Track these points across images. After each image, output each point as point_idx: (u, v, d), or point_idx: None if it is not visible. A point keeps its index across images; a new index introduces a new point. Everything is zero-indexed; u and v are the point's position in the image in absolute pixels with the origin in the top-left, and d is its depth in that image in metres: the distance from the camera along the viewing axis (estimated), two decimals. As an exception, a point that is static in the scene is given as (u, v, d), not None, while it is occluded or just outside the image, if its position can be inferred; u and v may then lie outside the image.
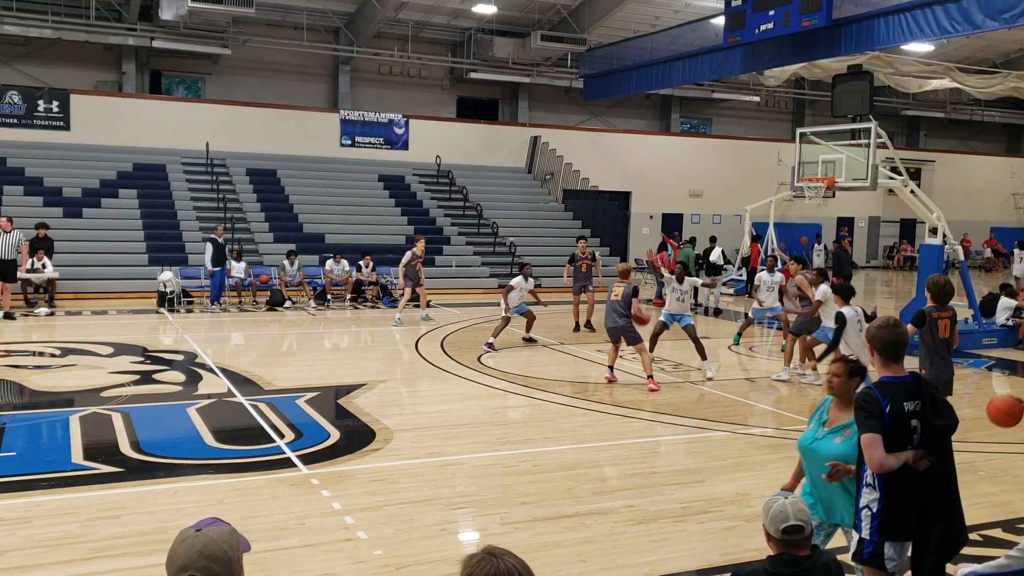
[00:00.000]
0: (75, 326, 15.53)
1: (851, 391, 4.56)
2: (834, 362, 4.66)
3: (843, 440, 4.55)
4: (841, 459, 4.45)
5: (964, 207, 35.33)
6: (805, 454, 4.71)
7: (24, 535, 5.89)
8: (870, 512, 4.22)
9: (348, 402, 10.02)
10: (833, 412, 4.68)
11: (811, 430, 4.71)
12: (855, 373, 4.60)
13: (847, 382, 4.61)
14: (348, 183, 25.98)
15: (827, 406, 4.70)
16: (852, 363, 4.62)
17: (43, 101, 23.86)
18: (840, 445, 4.55)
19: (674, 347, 14.10)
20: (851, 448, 4.40)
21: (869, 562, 4.25)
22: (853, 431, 4.36)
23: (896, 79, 23.72)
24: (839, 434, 4.57)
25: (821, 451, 4.58)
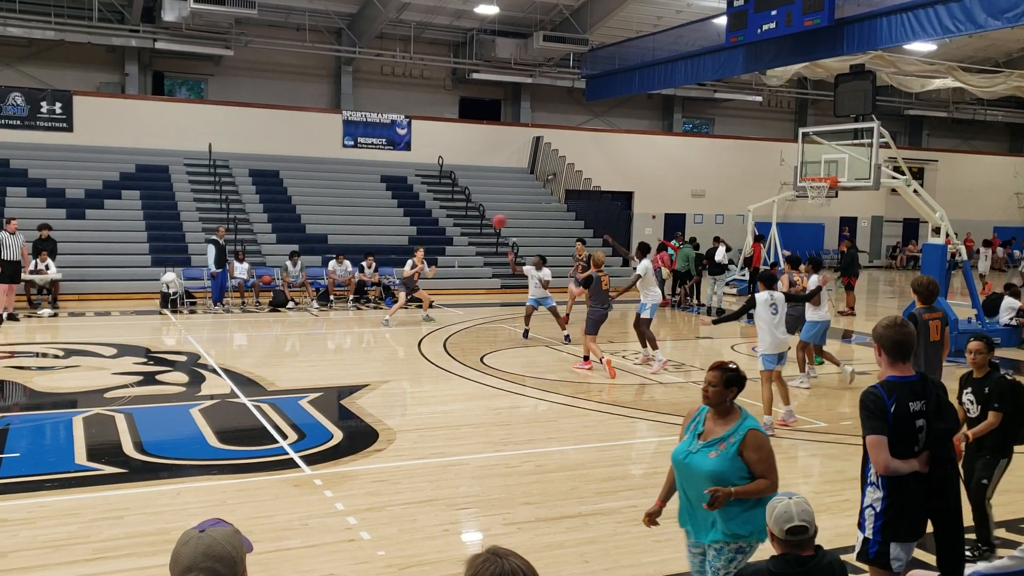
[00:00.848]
0: (78, 327, 15.55)
1: (727, 401, 4.26)
2: (711, 370, 4.30)
3: (718, 455, 4.19)
4: (716, 477, 4.11)
5: (967, 207, 35.29)
6: (678, 469, 4.32)
7: (28, 536, 5.90)
8: (874, 511, 4.20)
9: (351, 403, 10.02)
10: (709, 423, 4.31)
11: (685, 442, 4.34)
12: (732, 383, 4.25)
13: (723, 392, 4.25)
14: (351, 184, 25.99)
15: (703, 416, 4.35)
16: (730, 371, 4.27)
17: (46, 102, 23.89)
18: (715, 461, 4.18)
19: (675, 347, 14.08)
20: (726, 464, 4.12)
21: (875, 562, 4.23)
22: (729, 445, 4.14)
23: (899, 79, 23.70)
24: (714, 448, 4.21)
25: (695, 466, 4.21)
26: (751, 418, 4.26)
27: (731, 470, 4.12)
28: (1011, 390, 5.68)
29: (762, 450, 4.15)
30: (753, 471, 4.13)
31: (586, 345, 12.30)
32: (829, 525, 5.57)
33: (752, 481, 4.11)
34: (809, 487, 7.07)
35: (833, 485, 7.34)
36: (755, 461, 4.12)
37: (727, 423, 4.24)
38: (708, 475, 4.12)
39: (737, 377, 4.28)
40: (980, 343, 5.98)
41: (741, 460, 4.12)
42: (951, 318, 15.04)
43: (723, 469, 4.12)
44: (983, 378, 5.91)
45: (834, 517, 6.26)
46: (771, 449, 4.20)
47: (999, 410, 5.70)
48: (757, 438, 4.17)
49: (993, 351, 6.01)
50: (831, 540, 5.45)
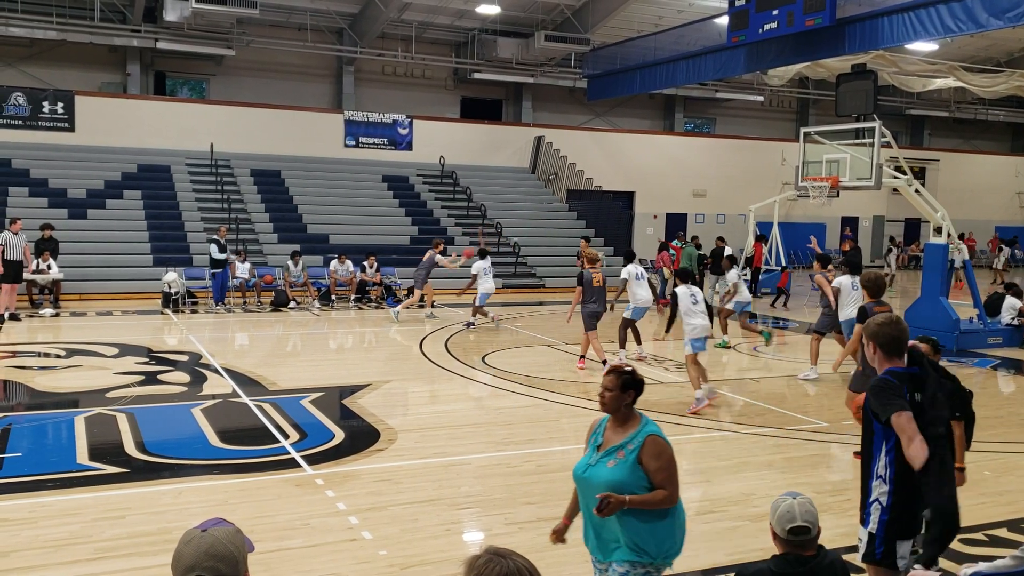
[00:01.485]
0: (80, 327, 15.57)
1: (625, 406, 4.01)
2: (606, 374, 4.06)
3: (616, 464, 3.90)
4: (614, 486, 3.81)
5: (968, 206, 35.27)
6: (579, 484, 4.04)
7: (30, 535, 5.90)
8: (880, 506, 4.15)
9: (353, 402, 10.02)
10: (608, 432, 4.04)
11: (586, 456, 4.05)
12: (629, 386, 3.99)
13: (620, 396, 3.99)
14: (352, 184, 26.00)
15: (603, 427, 4.08)
16: (626, 374, 4.01)
17: (48, 102, 23.91)
18: (613, 470, 3.88)
19: (677, 347, 14.08)
20: (624, 473, 3.84)
21: (882, 562, 4.18)
22: (627, 452, 3.87)
23: (900, 78, 23.68)
24: (612, 456, 3.92)
25: (594, 479, 3.90)
26: (652, 424, 4.02)
27: (630, 480, 3.83)
28: (961, 395, 5.27)
29: (662, 457, 3.88)
30: (652, 480, 3.85)
31: (584, 343, 12.42)
32: (831, 525, 5.57)
33: (650, 491, 3.84)
34: (811, 487, 7.07)
35: (835, 485, 7.34)
36: (655, 470, 3.85)
37: (626, 430, 3.98)
38: (605, 486, 3.82)
39: (633, 380, 4.03)
40: (926, 346, 5.63)
41: (640, 469, 3.85)
42: (953, 318, 15.04)
43: (621, 479, 3.83)
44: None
45: (836, 517, 6.26)
46: (672, 457, 3.92)
47: (961, 418, 5.25)
48: (657, 444, 3.90)
49: (939, 353, 5.73)
50: (833, 540, 5.44)
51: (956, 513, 3.95)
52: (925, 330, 14.78)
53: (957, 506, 3.95)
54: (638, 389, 4.03)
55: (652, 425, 4.00)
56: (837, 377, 12.19)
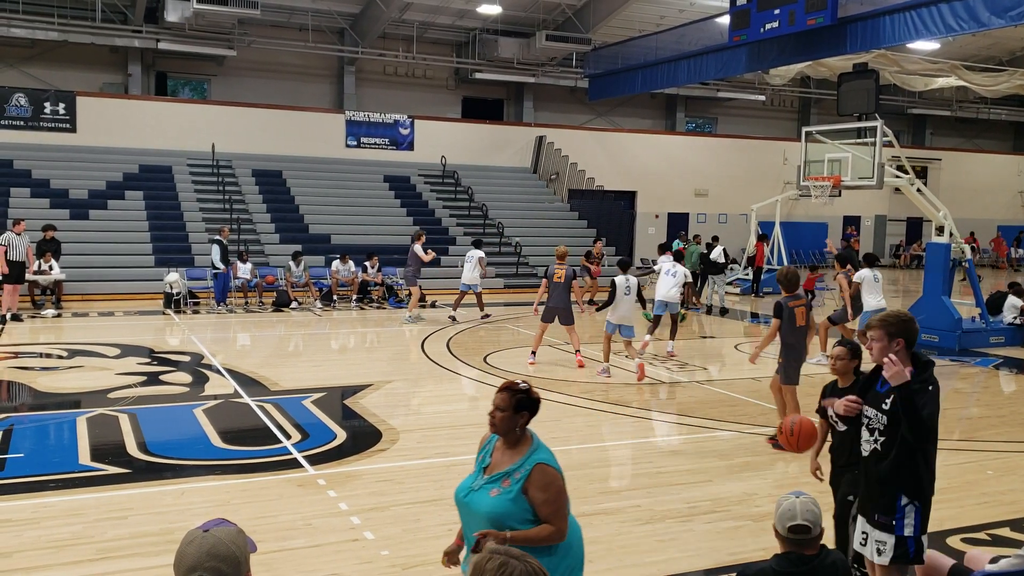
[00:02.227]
0: (82, 327, 15.58)
1: (518, 428, 3.59)
2: (498, 391, 3.66)
3: (500, 493, 3.47)
4: (495, 519, 3.41)
5: (971, 205, 35.24)
6: (460, 508, 3.64)
7: (32, 536, 5.91)
8: (915, 508, 4.13)
9: (354, 403, 10.03)
10: (497, 455, 3.62)
11: (471, 476, 3.65)
12: (523, 406, 3.59)
13: (512, 417, 3.56)
14: (353, 184, 26.01)
15: (492, 446, 3.68)
16: (520, 392, 3.61)
17: (49, 103, 23.93)
18: (495, 501, 3.46)
19: (678, 347, 14.07)
20: (507, 505, 3.43)
21: (915, 560, 4.20)
22: (513, 481, 3.47)
23: (902, 77, 23.67)
24: (497, 484, 3.50)
25: (475, 507, 3.52)
26: (543, 450, 3.59)
27: (513, 512, 3.43)
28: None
29: (550, 488, 3.47)
30: (538, 513, 3.45)
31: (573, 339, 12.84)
32: (829, 525, 5.55)
33: (536, 526, 3.44)
34: (814, 487, 7.05)
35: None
36: (541, 502, 3.45)
37: (515, 455, 3.56)
38: (485, 517, 3.45)
39: (528, 400, 3.61)
40: (843, 349, 5.38)
41: (526, 500, 3.45)
42: (955, 317, 15.01)
43: (503, 511, 3.43)
44: (848, 388, 5.26)
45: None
46: (562, 488, 3.51)
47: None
48: (545, 474, 3.48)
49: (858, 358, 5.37)
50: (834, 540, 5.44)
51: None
52: (928, 329, 14.87)
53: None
54: (533, 409, 3.62)
55: (543, 452, 3.58)
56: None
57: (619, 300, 11.59)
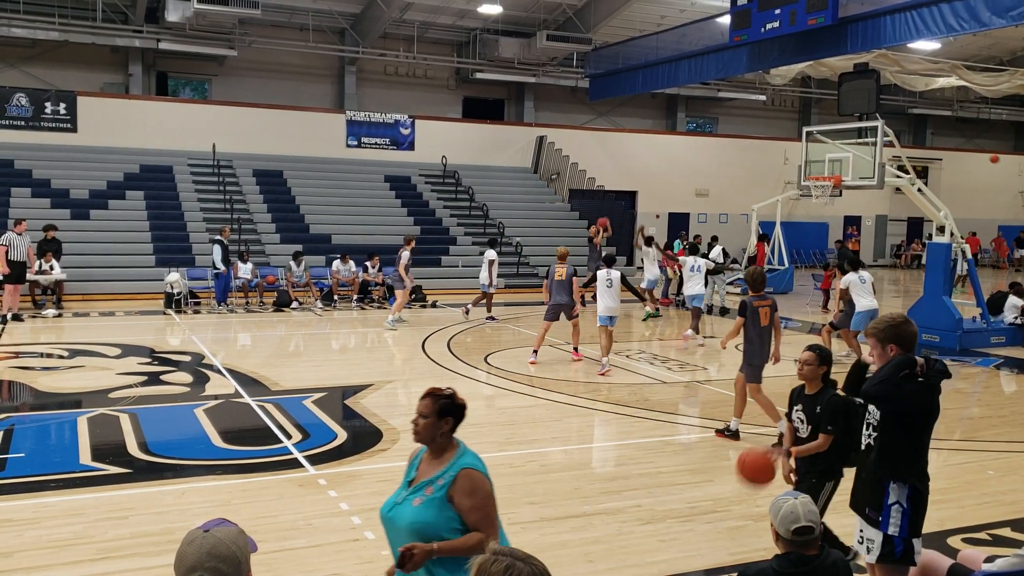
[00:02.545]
0: (83, 327, 15.58)
1: (439, 437, 3.41)
2: (422, 398, 3.47)
3: (423, 502, 3.31)
4: (419, 529, 3.26)
5: (971, 205, 35.22)
6: (385, 526, 3.46)
7: (33, 536, 5.91)
8: (902, 508, 4.17)
9: (355, 402, 10.03)
10: (423, 465, 3.47)
11: (396, 491, 3.49)
12: (447, 412, 3.41)
13: (436, 424, 3.40)
14: (354, 184, 26.01)
15: (420, 458, 3.51)
16: (444, 398, 3.44)
17: (50, 103, 23.94)
18: (419, 509, 3.30)
19: (682, 345, 14.07)
20: (431, 513, 3.28)
21: (902, 560, 4.22)
22: (436, 488, 3.31)
23: (903, 77, 23.66)
24: (420, 493, 3.34)
25: (398, 520, 3.34)
26: (469, 455, 3.43)
27: (438, 521, 3.27)
28: (844, 410, 5.10)
29: (476, 494, 3.31)
30: (466, 521, 3.29)
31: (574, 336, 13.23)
32: (834, 524, 5.56)
33: (464, 535, 3.28)
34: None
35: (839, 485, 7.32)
36: (467, 509, 3.29)
37: (441, 463, 3.39)
38: (409, 528, 3.28)
39: (453, 405, 3.45)
40: (811, 354, 5.29)
41: (452, 507, 3.29)
42: (955, 317, 15.00)
43: (427, 519, 3.27)
44: (815, 395, 5.27)
45: (840, 516, 6.24)
46: (489, 493, 3.36)
47: (831, 432, 5.12)
48: (471, 479, 3.32)
49: (827, 364, 5.29)
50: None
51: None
52: (928, 329, 14.86)
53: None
54: (458, 415, 3.46)
55: (469, 456, 3.43)
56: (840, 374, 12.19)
57: (601, 293, 12.23)
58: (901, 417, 4.22)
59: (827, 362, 5.25)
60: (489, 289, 17.00)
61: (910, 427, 4.24)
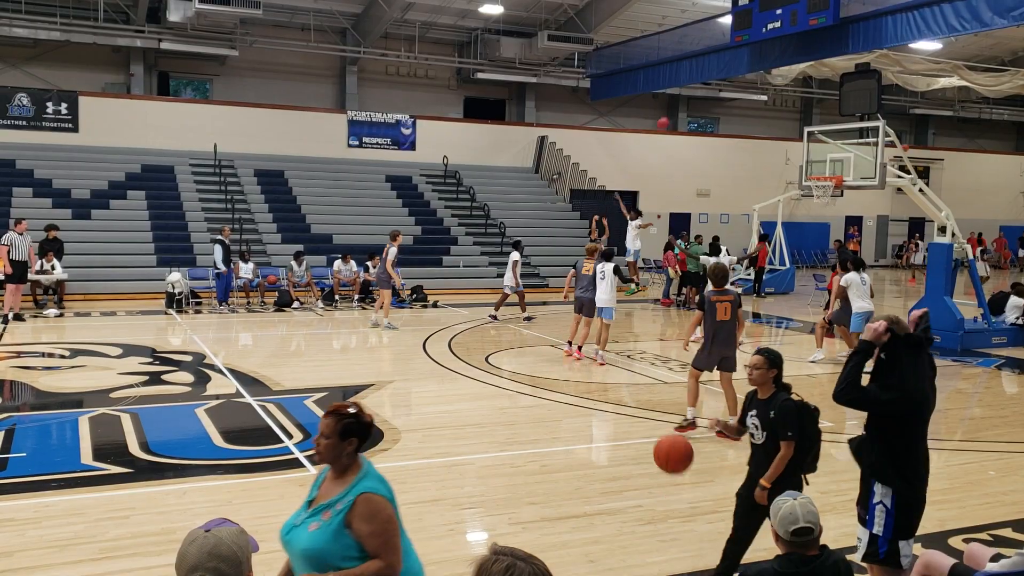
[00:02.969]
0: (84, 327, 15.59)
1: (343, 457, 3.26)
2: (324, 416, 3.35)
3: (319, 527, 3.13)
4: (314, 556, 3.08)
5: (973, 205, 35.21)
6: (284, 548, 3.29)
7: (34, 535, 5.91)
8: (885, 508, 4.19)
9: (357, 402, 10.01)
10: (325, 485, 3.30)
11: (297, 512, 3.31)
12: (351, 432, 3.25)
13: (339, 445, 3.23)
14: (355, 184, 26.01)
15: (323, 478, 3.37)
16: (347, 417, 3.28)
17: (52, 103, 23.95)
18: (314, 535, 3.12)
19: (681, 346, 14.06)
20: (326, 540, 3.09)
21: (886, 562, 4.21)
22: (334, 513, 3.13)
23: (904, 77, 23.65)
24: (317, 518, 3.16)
25: (294, 544, 3.18)
26: (371, 478, 3.26)
27: (333, 549, 3.08)
28: (798, 414, 4.88)
29: (376, 520, 3.13)
30: (365, 548, 3.10)
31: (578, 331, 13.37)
32: (834, 525, 5.56)
33: (363, 563, 3.10)
34: (814, 487, 7.04)
35: (839, 484, 7.32)
36: (366, 535, 3.10)
37: (342, 485, 3.21)
38: (303, 555, 3.12)
39: (358, 424, 3.28)
40: (759, 357, 5.04)
41: (349, 534, 3.10)
42: (957, 317, 14.99)
43: (321, 547, 3.08)
44: (768, 399, 5.02)
45: (839, 517, 6.25)
46: (390, 517, 3.18)
47: (792, 439, 4.86)
48: (370, 504, 3.14)
49: (777, 368, 5.04)
50: (837, 540, 5.44)
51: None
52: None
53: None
54: (363, 435, 3.29)
55: (370, 480, 3.24)
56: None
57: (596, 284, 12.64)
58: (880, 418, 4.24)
59: (777, 365, 5.02)
60: (517, 289, 17.07)
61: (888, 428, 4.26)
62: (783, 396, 4.96)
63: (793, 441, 4.83)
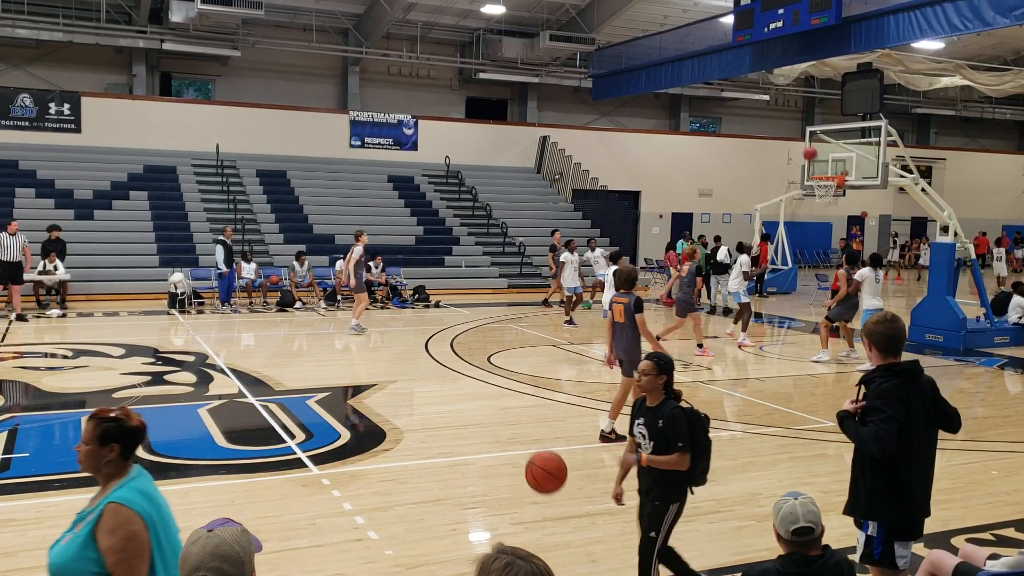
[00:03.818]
0: (87, 327, 15.61)
1: (105, 466, 3.03)
2: (87, 421, 3.16)
3: (71, 539, 2.87)
4: (55, 572, 2.81)
5: (975, 205, 35.17)
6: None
7: (37, 535, 5.91)
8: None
9: (358, 402, 10.03)
10: (96, 495, 3.11)
11: (67, 529, 2.99)
12: (110, 437, 3.05)
13: (97, 452, 3.00)
14: (358, 184, 26.03)
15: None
16: (107, 423, 3.06)
17: (54, 103, 23.98)
18: (63, 548, 2.85)
19: (682, 346, 14.06)
20: (71, 553, 2.82)
21: (880, 563, 4.21)
22: (85, 524, 2.89)
23: (906, 77, 23.63)
24: (71, 530, 2.93)
25: (50, 559, 2.89)
26: (129, 487, 2.98)
27: (75, 563, 2.76)
28: (688, 422, 4.68)
29: (116, 533, 2.80)
30: (105, 564, 2.78)
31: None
32: (837, 525, 5.55)
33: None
34: (816, 487, 7.05)
35: (841, 485, 7.31)
36: (106, 549, 2.78)
37: (102, 494, 2.98)
38: (50, 570, 2.82)
39: (119, 430, 3.03)
40: (648, 363, 4.75)
41: (95, 547, 2.80)
42: (959, 317, 14.97)
43: (64, 560, 2.79)
44: (657, 407, 4.74)
45: (841, 517, 6.24)
46: (135, 534, 2.84)
47: (683, 450, 4.62)
48: (116, 516, 2.84)
49: (667, 374, 4.76)
50: (839, 540, 5.43)
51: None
52: (933, 330, 14.82)
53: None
54: (125, 440, 3.04)
55: (127, 489, 2.97)
56: (846, 377, 12.18)
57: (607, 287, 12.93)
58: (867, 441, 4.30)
59: (666, 371, 4.74)
60: (577, 291, 17.12)
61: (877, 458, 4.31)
62: (672, 404, 4.70)
63: (687, 452, 4.60)
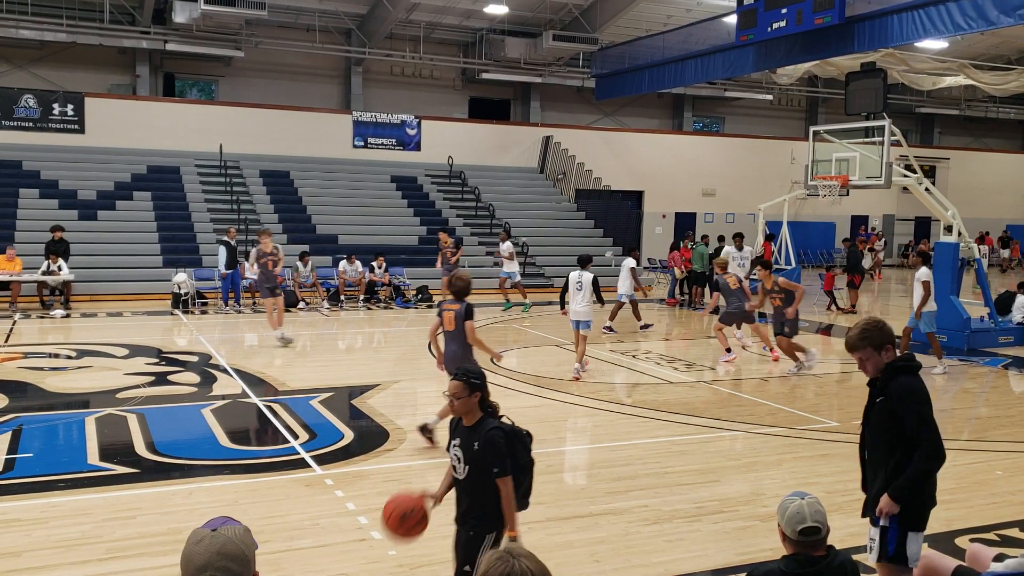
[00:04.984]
0: (90, 328, 15.62)
1: None
2: None
3: None
4: None
5: (979, 205, 35.12)
6: None
7: (41, 535, 5.93)
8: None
9: (362, 403, 10.04)
10: None
11: None
12: None
13: None
14: (361, 184, 26.04)
15: None
16: None
17: (58, 104, 24.02)
18: None
19: (684, 346, 14.05)
20: None
21: (894, 559, 4.21)
22: None
23: (910, 76, 23.59)
24: None
25: None
26: None
27: None
28: (508, 442, 4.25)
29: None
30: None
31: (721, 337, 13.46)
32: (841, 525, 5.54)
33: None
34: (820, 487, 7.04)
35: (845, 485, 7.30)
36: None
37: None
38: None
39: None
40: (457, 383, 4.27)
41: None
42: (963, 317, 14.94)
43: None
44: (474, 427, 4.29)
45: (846, 517, 6.23)
46: None
47: (500, 475, 4.19)
48: None
49: (481, 390, 4.30)
50: (843, 540, 5.43)
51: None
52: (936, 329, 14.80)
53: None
54: None
55: None
56: (848, 377, 12.16)
57: (572, 295, 11.83)
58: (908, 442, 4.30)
59: (479, 387, 4.27)
60: (635, 296, 16.33)
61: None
62: (490, 424, 4.28)
63: (508, 476, 4.18)
